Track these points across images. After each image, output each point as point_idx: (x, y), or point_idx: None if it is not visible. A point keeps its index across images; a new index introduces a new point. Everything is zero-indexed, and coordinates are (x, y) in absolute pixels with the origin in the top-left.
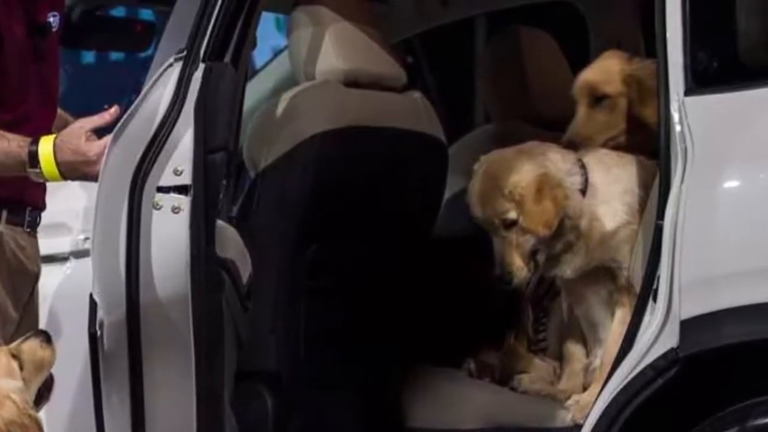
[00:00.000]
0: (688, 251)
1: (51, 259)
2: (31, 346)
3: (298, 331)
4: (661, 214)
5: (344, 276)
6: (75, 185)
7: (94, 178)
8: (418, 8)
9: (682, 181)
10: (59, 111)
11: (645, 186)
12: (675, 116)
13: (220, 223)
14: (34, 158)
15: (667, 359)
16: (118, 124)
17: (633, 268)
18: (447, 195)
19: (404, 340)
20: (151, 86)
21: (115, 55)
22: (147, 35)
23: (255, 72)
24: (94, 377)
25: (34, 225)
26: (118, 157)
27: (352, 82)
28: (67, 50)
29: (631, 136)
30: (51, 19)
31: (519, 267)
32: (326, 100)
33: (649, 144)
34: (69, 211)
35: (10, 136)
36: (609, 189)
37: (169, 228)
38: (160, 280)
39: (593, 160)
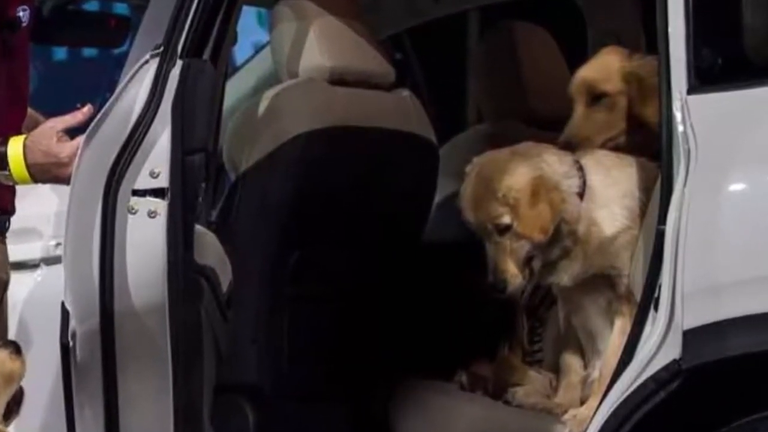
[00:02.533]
0: (691, 258)
1: (21, 265)
2: None
3: (280, 341)
4: (662, 218)
5: (329, 284)
6: (46, 188)
7: (66, 180)
8: (407, 2)
9: (684, 184)
10: (29, 110)
11: (646, 189)
12: (677, 116)
13: (198, 228)
14: (2, 160)
15: (669, 371)
16: (92, 124)
17: (633, 276)
18: (438, 198)
19: (392, 351)
20: (126, 84)
21: (89, 52)
22: (122, 30)
23: (235, 69)
24: (66, 390)
25: (2, 230)
26: (91, 159)
27: (338, 79)
28: (37, 46)
29: (631, 136)
30: (21, 14)
31: (513, 274)
32: (310, 99)
33: (650, 145)
34: (40, 216)
35: None
36: (608, 192)
37: (145, 233)
38: (135, 289)
39: (591, 162)
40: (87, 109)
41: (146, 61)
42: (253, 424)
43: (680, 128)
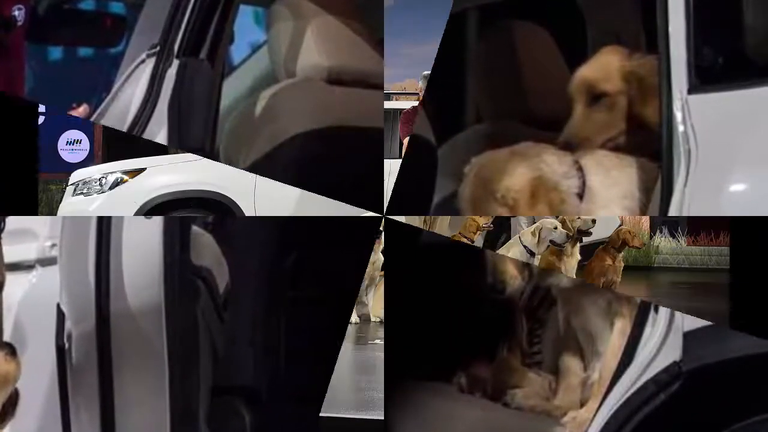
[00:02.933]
0: None
1: (16, 267)
2: None
3: (277, 343)
4: None
5: (327, 285)
6: None
7: None
8: None
9: (685, 185)
10: None
11: (646, 189)
12: (678, 115)
13: (195, 228)
14: None
15: (670, 373)
16: None
17: None
18: (436, 199)
19: (390, 353)
20: (122, 84)
21: (84, 51)
22: (118, 30)
23: (232, 69)
24: (62, 392)
25: None
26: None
27: (336, 79)
28: (32, 45)
29: (631, 136)
30: (16, 13)
31: (512, 275)
32: (308, 99)
33: (650, 145)
34: (35, 217)
35: None
36: (608, 193)
37: (142, 234)
38: (131, 290)
39: (591, 162)
40: (83, 109)
41: (142, 61)
42: (250, 425)
43: (681, 128)
